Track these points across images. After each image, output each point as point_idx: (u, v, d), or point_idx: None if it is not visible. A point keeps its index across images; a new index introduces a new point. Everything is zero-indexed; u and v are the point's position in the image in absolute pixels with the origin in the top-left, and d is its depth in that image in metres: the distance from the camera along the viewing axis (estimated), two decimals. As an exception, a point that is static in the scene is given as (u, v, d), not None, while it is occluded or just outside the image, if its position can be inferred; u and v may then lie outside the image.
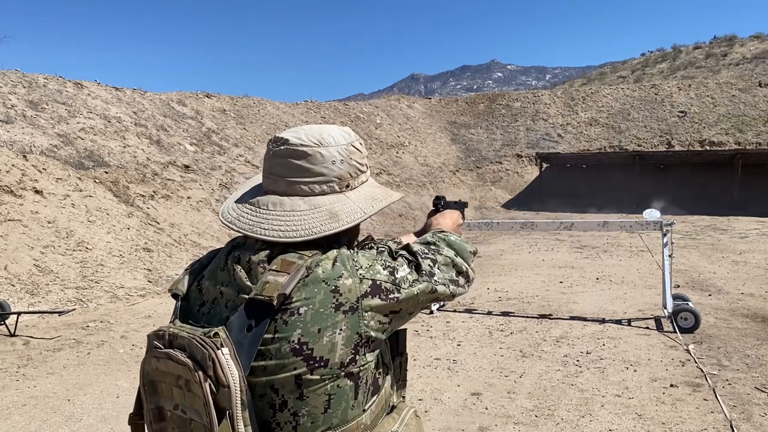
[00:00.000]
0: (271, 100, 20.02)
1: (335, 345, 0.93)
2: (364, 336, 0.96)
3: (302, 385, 0.93)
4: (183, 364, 0.89)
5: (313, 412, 0.94)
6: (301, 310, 0.92)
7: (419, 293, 1.02)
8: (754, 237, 12.92)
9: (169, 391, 0.94)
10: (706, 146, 22.63)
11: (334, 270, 0.95)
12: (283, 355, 0.92)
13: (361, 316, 0.96)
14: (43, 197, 8.17)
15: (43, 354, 4.79)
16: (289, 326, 0.92)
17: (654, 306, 6.31)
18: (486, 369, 4.38)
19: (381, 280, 0.98)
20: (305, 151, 1.02)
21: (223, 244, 1.17)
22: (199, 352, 0.89)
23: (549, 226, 6.39)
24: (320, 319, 0.93)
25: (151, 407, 0.98)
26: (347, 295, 0.94)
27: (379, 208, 1.08)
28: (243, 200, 1.07)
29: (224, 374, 0.87)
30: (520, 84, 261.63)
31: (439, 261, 1.09)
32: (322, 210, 1.01)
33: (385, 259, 1.02)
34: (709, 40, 48.87)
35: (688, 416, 3.46)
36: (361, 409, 0.99)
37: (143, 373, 0.98)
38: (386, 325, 1.00)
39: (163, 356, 0.93)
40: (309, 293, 0.93)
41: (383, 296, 0.98)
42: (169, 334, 0.94)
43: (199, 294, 1.04)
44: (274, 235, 0.98)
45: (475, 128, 26.20)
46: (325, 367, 0.93)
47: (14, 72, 12.48)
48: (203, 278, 1.04)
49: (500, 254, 10.91)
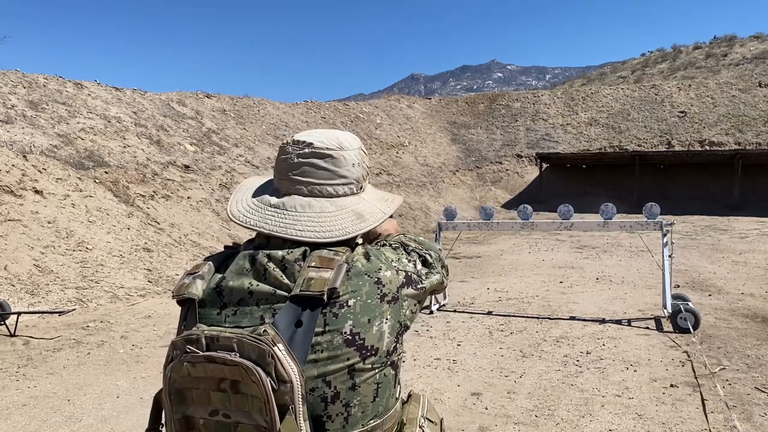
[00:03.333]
0: (271, 100, 20.02)
1: (383, 334, 0.98)
2: (403, 324, 1.03)
3: (355, 375, 0.96)
4: (234, 365, 0.88)
5: (364, 401, 0.97)
6: (350, 302, 0.96)
7: (436, 283, 1.12)
8: (754, 237, 12.92)
9: (204, 398, 0.92)
10: (706, 146, 22.64)
11: (371, 264, 1.01)
12: (335, 346, 0.94)
13: (401, 306, 1.02)
14: (43, 197, 8.16)
15: (43, 354, 4.79)
16: (340, 318, 0.94)
17: (654, 306, 6.31)
18: (486, 369, 4.38)
19: (411, 271, 1.06)
20: (331, 154, 1.06)
21: (223, 243, 1.16)
22: (254, 350, 0.88)
23: (549, 226, 6.39)
24: (369, 310, 0.97)
25: (177, 417, 0.95)
26: (389, 286, 1.00)
27: (395, 208, 1.15)
28: (259, 202, 1.07)
29: (284, 370, 0.88)
30: (520, 84, 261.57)
31: (433, 256, 1.16)
32: (347, 211, 1.06)
33: (404, 254, 1.09)
34: (709, 40, 48.89)
35: (688, 416, 3.46)
36: (395, 398, 1.04)
37: (169, 382, 0.95)
38: (415, 314, 1.07)
39: (202, 360, 0.90)
40: (354, 286, 0.97)
41: (414, 286, 1.06)
42: (205, 337, 0.92)
43: (218, 297, 1.01)
44: (310, 235, 1.01)
45: (475, 128, 26.20)
46: (375, 355, 0.97)
47: (14, 72, 12.48)
48: (224, 280, 1.02)
49: (500, 254, 10.91)
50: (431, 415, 1.14)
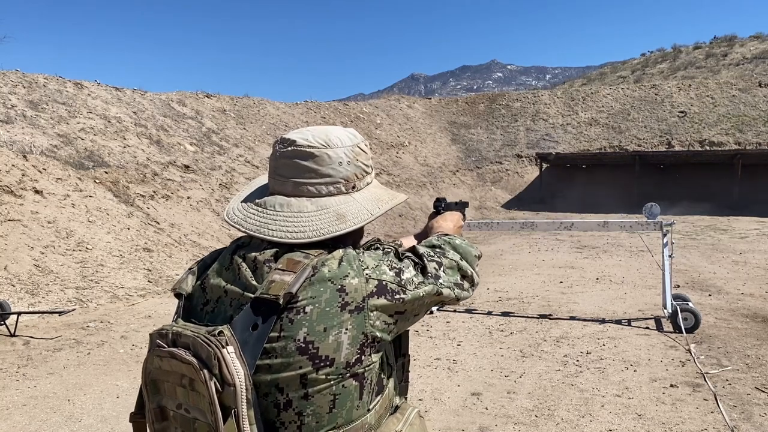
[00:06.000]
0: (271, 100, 20.02)
1: (341, 344, 0.93)
2: (370, 336, 0.96)
3: (307, 385, 0.93)
4: (187, 363, 0.89)
5: (318, 411, 0.94)
6: (307, 308, 0.92)
7: (425, 295, 1.02)
8: (754, 237, 12.92)
9: (172, 390, 0.94)
10: (706, 146, 22.61)
11: (340, 269, 0.96)
12: (288, 353, 0.91)
13: (366, 316, 0.95)
14: (43, 197, 8.16)
15: (43, 354, 4.79)
16: (295, 325, 0.92)
17: (654, 306, 6.31)
18: (486, 369, 4.38)
19: (387, 280, 0.98)
20: (312, 152, 1.03)
21: (223, 244, 1.16)
22: (204, 350, 0.88)
23: (549, 226, 6.39)
24: (326, 318, 0.93)
25: (153, 406, 0.97)
26: (353, 295, 0.95)
27: (385, 210, 1.09)
28: (249, 201, 1.07)
29: (230, 373, 0.87)
30: (520, 84, 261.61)
31: (445, 264, 1.09)
32: (329, 211, 1.02)
33: (392, 260, 1.02)
34: (709, 40, 48.83)
35: (688, 416, 3.46)
36: (366, 409, 0.99)
37: (146, 372, 0.97)
38: (392, 325, 1.00)
39: (167, 355, 0.92)
40: (315, 292, 0.93)
41: (389, 296, 0.98)
42: (172, 332, 0.94)
43: (202, 293, 1.03)
44: (281, 236, 0.99)
45: (475, 128, 26.19)
46: (330, 366, 0.93)
47: (14, 72, 12.48)
48: (207, 277, 1.04)
49: (500, 254, 10.91)
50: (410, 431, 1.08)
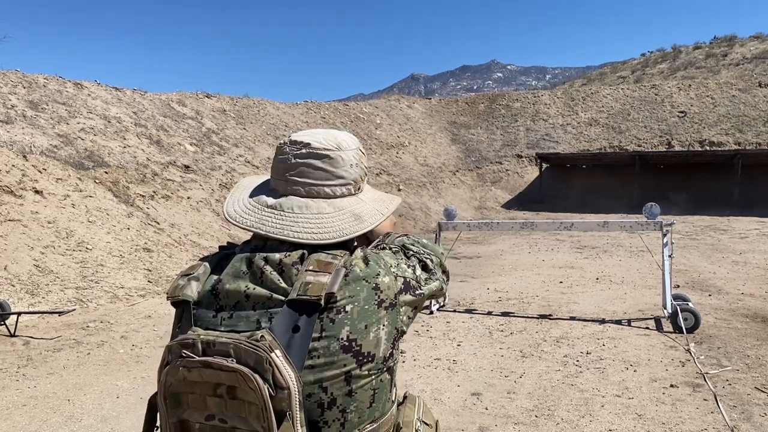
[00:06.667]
0: (271, 100, 20.02)
1: (380, 340, 0.97)
2: (400, 330, 1.02)
3: (351, 381, 0.95)
4: (231, 371, 0.87)
5: (360, 407, 0.97)
6: (347, 307, 0.95)
7: (435, 289, 1.11)
8: (754, 237, 12.92)
9: (199, 402, 0.91)
10: (706, 146, 22.62)
11: (370, 268, 0.99)
12: (332, 352, 0.93)
13: (398, 312, 1.01)
14: (43, 197, 8.16)
15: (43, 354, 4.79)
16: (337, 324, 0.94)
17: (654, 306, 6.31)
18: (486, 369, 4.38)
19: (409, 277, 1.05)
20: (328, 154, 1.05)
21: (223, 243, 1.15)
22: (251, 356, 0.87)
23: (549, 226, 6.39)
24: (366, 316, 0.96)
25: (173, 421, 0.94)
26: (387, 292, 0.99)
27: (393, 209, 1.14)
28: (255, 203, 1.05)
29: (282, 376, 0.87)
30: (520, 84, 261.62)
31: (434, 261, 1.15)
32: (345, 212, 1.05)
33: (404, 259, 1.08)
34: (709, 41, 48.82)
35: (688, 416, 3.46)
36: (392, 401, 1.04)
37: (165, 386, 0.93)
38: (411, 319, 1.07)
39: (198, 365, 0.89)
40: (352, 291, 0.96)
41: (413, 292, 1.05)
42: (202, 341, 0.91)
43: (214, 299, 0.99)
44: (308, 237, 1.00)
45: (475, 128, 26.19)
46: (372, 362, 0.96)
47: (14, 72, 12.48)
48: (220, 282, 1.00)
49: (500, 254, 10.91)
50: (427, 418, 1.14)
